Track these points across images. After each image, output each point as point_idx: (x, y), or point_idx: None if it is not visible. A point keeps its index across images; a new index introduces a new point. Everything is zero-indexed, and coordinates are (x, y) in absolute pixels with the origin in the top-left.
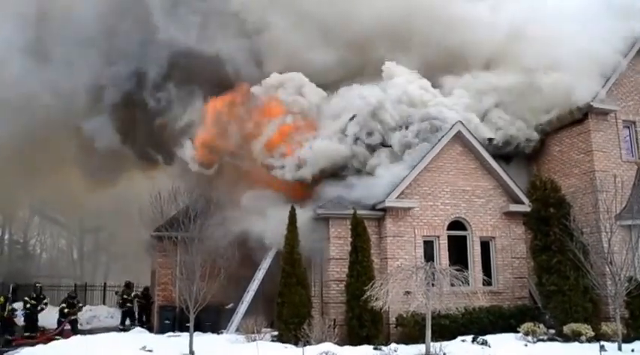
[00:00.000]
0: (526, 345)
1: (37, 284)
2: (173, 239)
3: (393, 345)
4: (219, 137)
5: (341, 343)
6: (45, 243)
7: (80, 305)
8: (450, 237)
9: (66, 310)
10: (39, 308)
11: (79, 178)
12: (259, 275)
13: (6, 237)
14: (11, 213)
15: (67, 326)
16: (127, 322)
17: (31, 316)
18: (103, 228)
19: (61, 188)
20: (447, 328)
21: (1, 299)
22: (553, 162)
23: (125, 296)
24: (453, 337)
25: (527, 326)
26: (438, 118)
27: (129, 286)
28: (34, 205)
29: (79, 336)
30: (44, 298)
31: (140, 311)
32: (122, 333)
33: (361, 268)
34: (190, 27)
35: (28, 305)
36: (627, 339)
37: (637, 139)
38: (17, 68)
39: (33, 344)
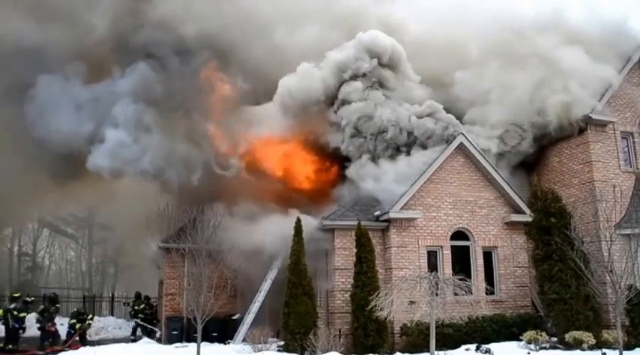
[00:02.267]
0: (529, 353)
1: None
2: (181, 250)
3: (398, 354)
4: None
5: (346, 352)
6: (54, 255)
7: (90, 321)
8: (453, 247)
9: (77, 325)
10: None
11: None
12: (265, 285)
13: (15, 249)
14: (20, 225)
15: (75, 338)
16: (138, 332)
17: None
18: (111, 240)
19: (70, 199)
20: (451, 337)
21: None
22: (553, 172)
23: (136, 308)
24: (456, 346)
25: (530, 334)
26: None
27: (139, 297)
28: (43, 217)
29: (87, 347)
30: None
31: (146, 321)
32: (130, 344)
33: (366, 278)
34: None
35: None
36: (628, 346)
37: (635, 150)
38: None
39: None
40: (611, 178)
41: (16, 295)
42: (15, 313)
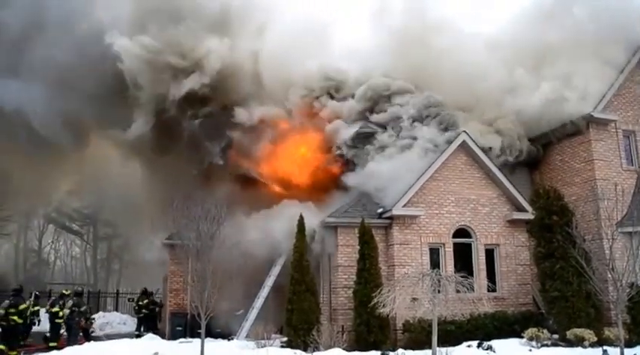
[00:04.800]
0: (530, 350)
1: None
2: (185, 247)
3: (400, 351)
4: None
5: (349, 349)
6: (59, 251)
7: (94, 319)
8: (455, 245)
9: (82, 323)
10: None
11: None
12: (269, 282)
13: (21, 245)
14: (26, 222)
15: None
16: (142, 328)
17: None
18: (116, 236)
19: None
20: (453, 334)
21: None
22: (555, 170)
23: (140, 303)
24: (458, 342)
25: (532, 331)
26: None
27: (145, 293)
28: (49, 214)
29: (91, 342)
30: None
31: (149, 318)
32: (134, 340)
33: (369, 275)
34: None
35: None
36: (629, 344)
37: (637, 148)
38: None
39: (46, 350)
40: (612, 176)
41: (66, 292)
42: (31, 309)
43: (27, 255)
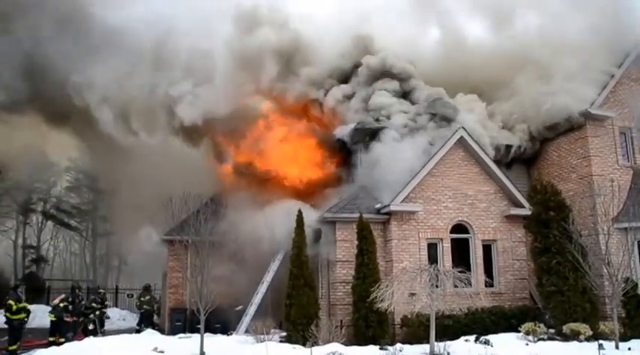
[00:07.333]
0: (527, 344)
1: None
2: (184, 242)
3: (398, 345)
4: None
5: (348, 343)
6: (58, 247)
7: (92, 317)
8: (453, 240)
9: (80, 319)
10: None
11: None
12: (268, 277)
13: (19, 241)
14: (24, 218)
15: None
16: (143, 324)
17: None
18: (115, 232)
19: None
20: (451, 328)
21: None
22: (552, 166)
23: (142, 299)
24: (456, 337)
25: (528, 325)
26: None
27: (147, 289)
28: (47, 210)
29: (91, 338)
30: None
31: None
32: (134, 335)
33: (367, 270)
34: None
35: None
36: (624, 338)
37: (632, 145)
38: None
39: (46, 346)
40: (609, 173)
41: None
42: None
43: (26, 251)
